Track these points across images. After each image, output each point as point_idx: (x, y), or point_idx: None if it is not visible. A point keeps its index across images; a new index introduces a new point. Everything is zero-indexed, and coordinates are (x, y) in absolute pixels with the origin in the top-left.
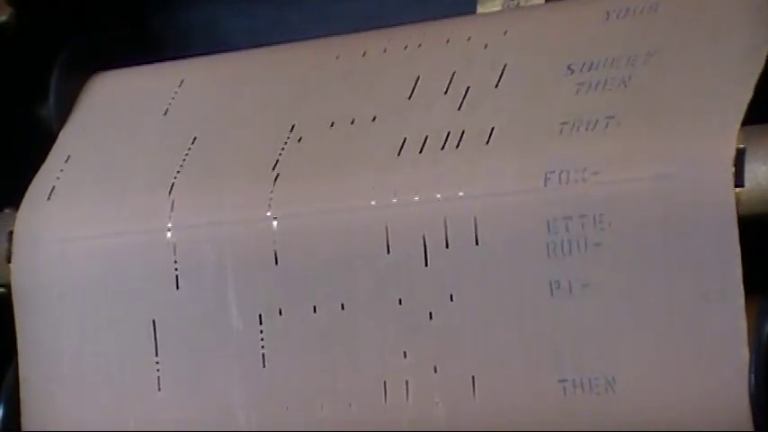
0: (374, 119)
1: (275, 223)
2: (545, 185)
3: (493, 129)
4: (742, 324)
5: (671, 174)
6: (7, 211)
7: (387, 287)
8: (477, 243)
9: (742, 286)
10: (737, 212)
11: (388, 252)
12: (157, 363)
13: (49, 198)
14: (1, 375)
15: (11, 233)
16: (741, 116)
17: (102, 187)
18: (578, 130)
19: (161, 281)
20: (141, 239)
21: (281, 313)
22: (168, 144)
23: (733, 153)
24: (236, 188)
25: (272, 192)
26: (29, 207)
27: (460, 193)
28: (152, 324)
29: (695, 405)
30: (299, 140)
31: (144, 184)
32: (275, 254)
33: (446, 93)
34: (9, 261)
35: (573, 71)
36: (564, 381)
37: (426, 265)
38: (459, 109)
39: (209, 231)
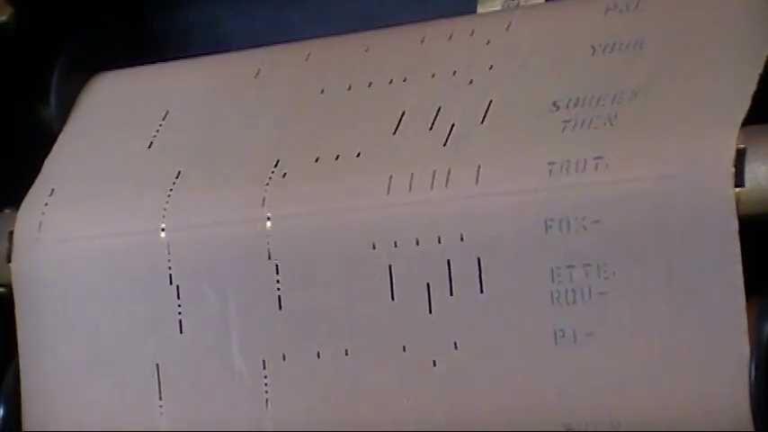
0: (359, 155)
1: (278, 264)
2: (546, 233)
3: (480, 167)
4: (742, 324)
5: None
6: (7, 211)
7: (390, 333)
8: (481, 291)
9: (742, 286)
10: (737, 212)
11: (392, 298)
12: (161, 406)
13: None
14: (1, 375)
15: (11, 233)
16: (741, 116)
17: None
18: (567, 171)
19: (165, 325)
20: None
21: (284, 358)
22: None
23: (733, 153)
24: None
25: (268, 236)
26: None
27: (462, 238)
28: (155, 368)
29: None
30: (284, 176)
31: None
32: (279, 298)
33: (431, 128)
34: (9, 261)
35: (558, 107)
36: (569, 427)
37: (430, 312)
38: (444, 145)
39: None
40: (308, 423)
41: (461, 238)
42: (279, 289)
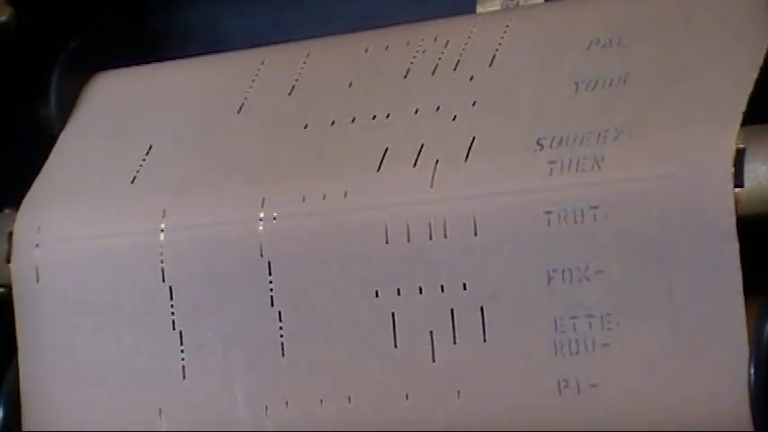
0: (346, 194)
1: (281, 312)
2: (549, 284)
3: (475, 217)
4: (742, 324)
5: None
6: (7, 211)
7: (394, 381)
8: (485, 341)
9: (741, 286)
10: (737, 212)
11: (395, 346)
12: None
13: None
14: (1, 375)
15: (11, 233)
16: (741, 116)
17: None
18: (566, 221)
19: (168, 372)
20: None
21: (287, 405)
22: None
23: (733, 153)
24: None
25: (271, 284)
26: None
27: (464, 287)
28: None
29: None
30: (274, 219)
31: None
32: (282, 345)
33: (415, 165)
34: (9, 261)
35: (542, 146)
36: None
37: (433, 360)
38: (431, 187)
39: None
40: None
41: (464, 288)
42: (282, 336)
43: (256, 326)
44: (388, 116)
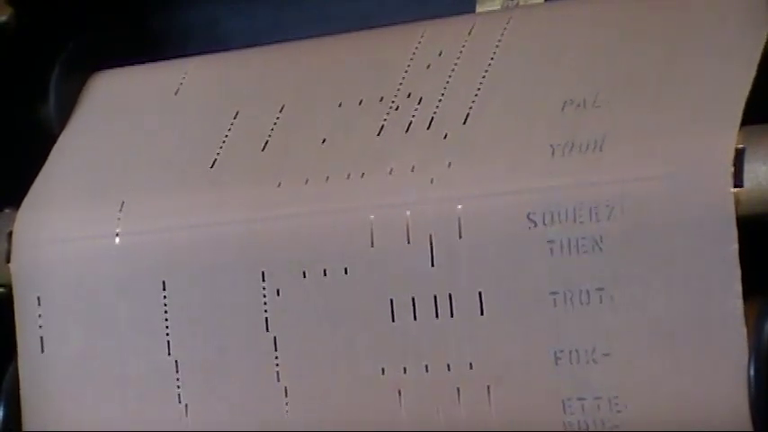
0: (346, 271)
1: (286, 386)
2: (556, 364)
3: (481, 294)
4: (742, 324)
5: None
6: (7, 211)
7: None
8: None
9: (741, 286)
10: (737, 212)
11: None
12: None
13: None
14: (1, 375)
15: (11, 233)
16: (740, 116)
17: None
18: (572, 303)
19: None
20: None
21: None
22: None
23: (733, 153)
24: None
25: (276, 357)
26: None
27: (471, 367)
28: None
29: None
30: (278, 293)
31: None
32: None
33: (409, 242)
34: (9, 261)
35: (536, 223)
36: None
37: None
38: (432, 266)
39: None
40: None
41: (470, 367)
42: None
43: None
44: (362, 175)
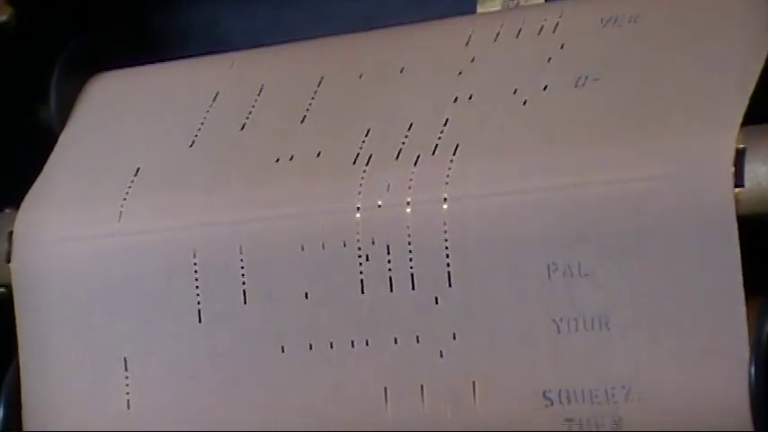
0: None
1: None
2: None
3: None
4: (742, 324)
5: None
6: (7, 211)
7: None
8: None
9: (742, 286)
10: (737, 212)
11: None
12: None
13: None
14: (1, 375)
15: (11, 233)
16: (741, 116)
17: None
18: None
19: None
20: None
21: None
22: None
23: (733, 153)
24: None
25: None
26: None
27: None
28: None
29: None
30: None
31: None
32: None
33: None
34: (9, 261)
35: (552, 401)
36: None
37: None
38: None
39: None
40: None
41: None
42: None
43: None
44: (353, 345)
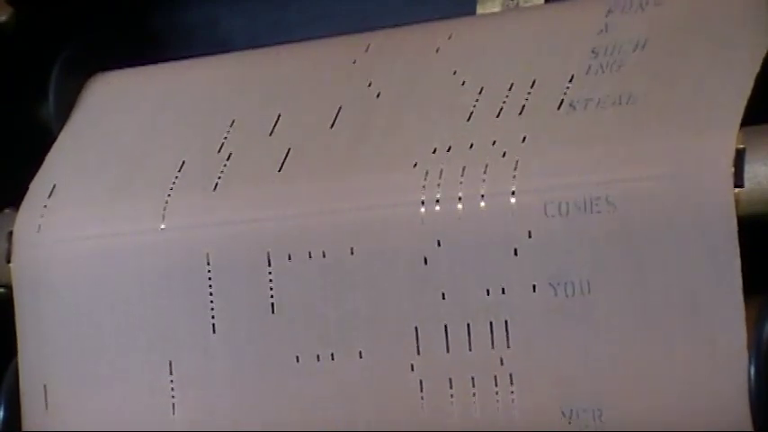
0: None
1: None
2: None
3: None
4: (742, 324)
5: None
6: (7, 211)
7: None
8: None
9: (741, 286)
10: (737, 212)
11: None
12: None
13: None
14: (1, 375)
15: (11, 233)
16: (740, 117)
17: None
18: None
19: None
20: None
21: None
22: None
23: (733, 153)
24: None
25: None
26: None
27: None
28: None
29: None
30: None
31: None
32: None
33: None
34: (9, 261)
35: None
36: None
37: None
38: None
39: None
40: None
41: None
42: None
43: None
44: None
